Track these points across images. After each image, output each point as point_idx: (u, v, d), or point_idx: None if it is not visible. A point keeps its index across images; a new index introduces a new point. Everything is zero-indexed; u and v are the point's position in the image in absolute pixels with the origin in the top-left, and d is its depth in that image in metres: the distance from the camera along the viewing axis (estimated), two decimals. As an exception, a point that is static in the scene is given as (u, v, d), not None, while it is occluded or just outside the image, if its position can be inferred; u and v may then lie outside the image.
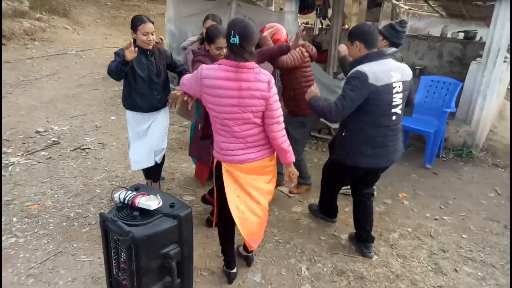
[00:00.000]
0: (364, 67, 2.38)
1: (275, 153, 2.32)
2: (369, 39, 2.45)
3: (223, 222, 2.43)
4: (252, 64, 2.07)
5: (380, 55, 2.46)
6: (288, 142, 2.24)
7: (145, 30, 2.79)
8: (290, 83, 3.23)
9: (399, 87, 2.44)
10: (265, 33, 3.12)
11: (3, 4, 8.90)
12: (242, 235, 2.30)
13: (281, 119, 2.18)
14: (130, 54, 2.66)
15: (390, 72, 2.41)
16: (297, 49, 3.04)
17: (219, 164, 2.26)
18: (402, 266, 2.79)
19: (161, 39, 3.15)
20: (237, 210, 2.24)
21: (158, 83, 2.97)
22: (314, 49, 3.25)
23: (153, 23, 2.85)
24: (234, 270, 2.55)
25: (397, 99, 2.45)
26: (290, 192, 3.63)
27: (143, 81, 2.91)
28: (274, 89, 2.13)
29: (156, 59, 2.95)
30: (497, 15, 4.23)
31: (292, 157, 2.26)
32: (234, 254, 2.56)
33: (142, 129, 3.07)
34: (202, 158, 3.01)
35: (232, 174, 2.22)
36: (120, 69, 2.73)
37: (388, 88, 2.39)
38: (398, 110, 2.48)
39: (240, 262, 2.70)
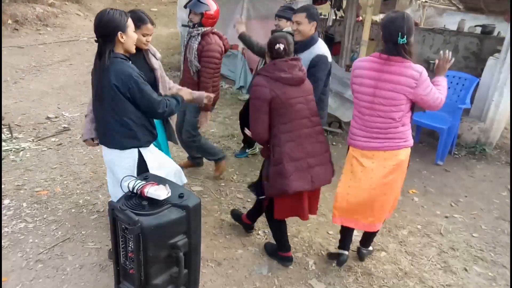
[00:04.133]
0: None
1: (406, 153, 2.31)
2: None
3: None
4: (402, 58, 2.12)
5: None
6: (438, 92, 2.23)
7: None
8: None
9: None
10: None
11: (16, -11, 8.91)
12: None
13: (435, 102, 2.20)
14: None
15: None
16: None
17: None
18: (411, 264, 2.75)
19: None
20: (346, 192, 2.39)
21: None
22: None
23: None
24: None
25: None
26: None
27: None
28: (426, 83, 2.14)
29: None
30: (517, 9, 4.10)
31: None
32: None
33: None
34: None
35: (354, 158, 2.35)
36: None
37: None
38: None
39: (244, 256, 2.69)
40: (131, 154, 2.21)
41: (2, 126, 4.30)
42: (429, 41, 6.77)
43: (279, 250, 2.66)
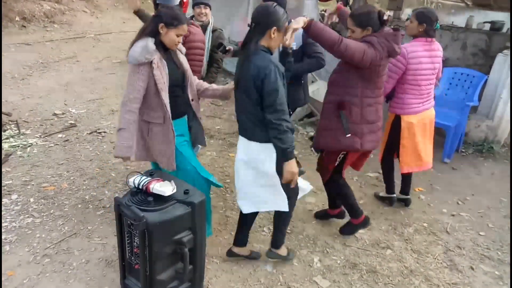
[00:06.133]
0: None
1: None
2: None
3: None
4: (433, 39, 2.91)
5: None
6: None
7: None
8: None
9: None
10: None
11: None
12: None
13: None
14: None
15: None
16: None
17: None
18: (417, 262, 2.74)
19: None
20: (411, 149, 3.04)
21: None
22: None
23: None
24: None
25: None
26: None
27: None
28: None
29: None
30: (527, 5, 4.04)
31: None
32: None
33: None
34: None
35: (411, 124, 2.97)
36: None
37: None
38: None
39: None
40: (270, 147, 2.15)
41: (10, 122, 4.34)
42: (437, 37, 6.70)
43: (353, 218, 2.83)
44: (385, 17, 2.41)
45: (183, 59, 2.43)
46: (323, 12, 7.96)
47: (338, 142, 2.53)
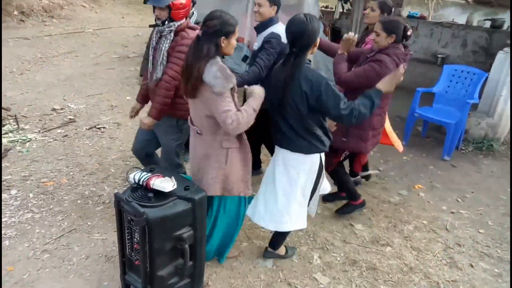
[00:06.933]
0: None
1: None
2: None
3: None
4: None
5: None
6: None
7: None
8: None
9: None
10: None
11: (22, -20, 8.90)
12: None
13: None
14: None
15: None
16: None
17: None
18: (416, 259, 2.74)
19: None
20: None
21: None
22: None
23: None
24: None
25: None
26: None
27: None
28: None
29: None
30: (529, 2, 4.03)
31: None
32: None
33: None
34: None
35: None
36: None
37: None
38: None
39: (249, 249, 2.70)
40: (314, 158, 2.24)
41: (9, 117, 4.32)
42: (437, 35, 6.69)
43: (352, 200, 3.07)
44: (409, 33, 2.58)
45: None
46: (323, 8, 7.93)
47: (344, 142, 2.79)
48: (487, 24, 6.45)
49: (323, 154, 2.30)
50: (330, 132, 2.29)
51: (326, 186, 2.57)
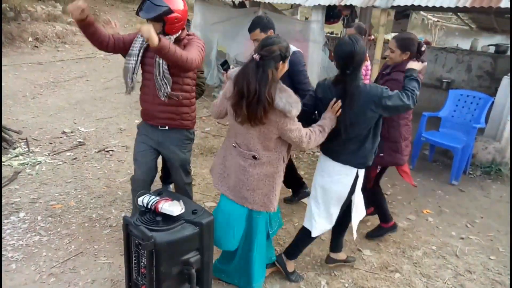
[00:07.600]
0: None
1: None
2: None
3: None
4: None
5: None
6: None
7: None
8: None
9: None
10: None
11: (38, 8, 9.26)
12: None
13: None
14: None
15: None
16: None
17: None
18: (426, 286, 2.69)
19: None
20: None
21: None
22: None
23: None
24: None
25: None
26: None
27: None
28: None
29: None
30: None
31: None
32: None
33: None
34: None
35: None
36: None
37: None
38: None
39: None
40: (352, 172, 2.33)
41: (20, 140, 4.40)
42: (442, 60, 6.77)
43: (383, 222, 3.09)
44: (423, 49, 2.59)
45: None
46: (328, 34, 8.09)
47: (381, 158, 2.78)
48: (491, 49, 6.53)
49: (361, 172, 2.38)
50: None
51: (362, 212, 2.57)
